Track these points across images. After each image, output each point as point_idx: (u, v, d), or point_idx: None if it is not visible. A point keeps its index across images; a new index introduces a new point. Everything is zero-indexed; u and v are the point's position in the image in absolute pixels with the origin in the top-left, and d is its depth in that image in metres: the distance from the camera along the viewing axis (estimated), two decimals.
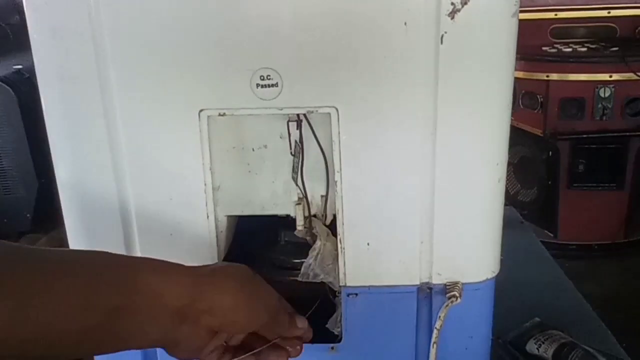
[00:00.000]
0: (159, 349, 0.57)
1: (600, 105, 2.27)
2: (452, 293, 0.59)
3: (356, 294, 0.60)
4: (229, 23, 0.52)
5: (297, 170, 0.59)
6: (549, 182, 2.41)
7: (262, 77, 0.53)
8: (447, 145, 0.55)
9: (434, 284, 0.60)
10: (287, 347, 0.52)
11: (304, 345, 0.52)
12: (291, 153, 0.58)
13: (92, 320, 0.41)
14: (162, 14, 0.53)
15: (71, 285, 0.41)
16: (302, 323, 0.52)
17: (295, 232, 0.62)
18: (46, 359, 0.42)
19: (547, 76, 2.28)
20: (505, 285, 0.65)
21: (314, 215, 0.62)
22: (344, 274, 0.59)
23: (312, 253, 0.60)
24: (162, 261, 0.46)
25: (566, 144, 2.33)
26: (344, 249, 0.59)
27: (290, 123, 0.57)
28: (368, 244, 0.58)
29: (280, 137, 0.59)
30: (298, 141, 0.58)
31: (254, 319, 0.48)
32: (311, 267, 0.60)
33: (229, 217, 0.62)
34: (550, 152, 2.35)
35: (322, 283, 0.61)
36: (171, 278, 0.45)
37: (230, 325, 0.48)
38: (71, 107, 0.57)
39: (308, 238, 0.62)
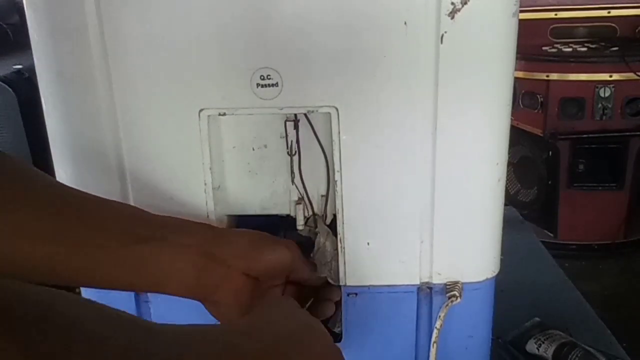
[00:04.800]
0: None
1: (600, 105, 2.27)
2: (452, 293, 0.59)
3: (356, 294, 0.60)
4: (229, 22, 0.53)
5: (294, 170, 0.59)
6: (549, 182, 2.41)
7: (262, 77, 0.53)
8: (447, 145, 0.55)
9: (434, 284, 0.60)
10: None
11: None
12: (288, 153, 0.58)
13: (125, 249, 0.45)
14: (162, 14, 0.53)
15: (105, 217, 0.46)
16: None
17: (299, 232, 0.62)
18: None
19: (547, 76, 2.28)
20: (505, 285, 0.65)
21: (314, 215, 0.62)
22: (344, 273, 0.59)
23: (314, 250, 0.60)
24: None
25: (566, 144, 2.34)
26: (344, 248, 0.59)
27: (287, 123, 0.57)
28: (368, 243, 0.58)
29: (281, 137, 0.59)
30: (294, 141, 0.58)
31: (278, 255, 0.52)
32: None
33: (229, 216, 0.62)
34: (550, 152, 2.36)
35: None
36: (193, 224, 0.50)
37: (257, 263, 0.51)
38: (71, 107, 0.57)
39: (312, 236, 0.62)
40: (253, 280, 0.52)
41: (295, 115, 0.57)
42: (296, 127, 0.57)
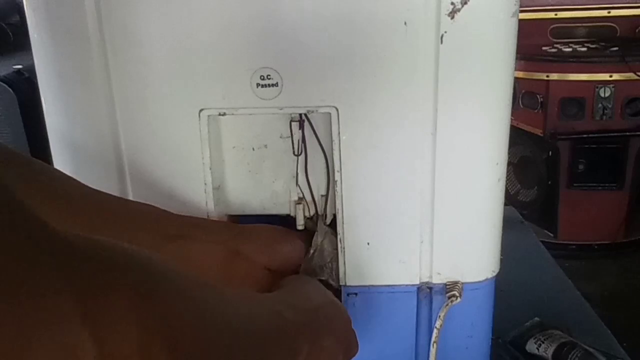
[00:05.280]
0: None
1: (600, 105, 2.27)
2: (452, 293, 0.59)
3: (356, 294, 0.60)
4: (229, 22, 0.53)
5: (300, 170, 0.59)
6: (549, 182, 2.41)
7: (262, 77, 0.53)
8: (447, 145, 0.55)
9: (434, 284, 0.60)
10: None
11: None
12: (294, 153, 0.58)
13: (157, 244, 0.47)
14: (162, 14, 0.53)
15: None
16: None
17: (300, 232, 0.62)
18: None
19: (547, 76, 2.28)
20: (505, 285, 0.65)
21: (314, 215, 0.62)
22: (344, 273, 0.59)
23: (311, 251, 0.60)
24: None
25: (566, 144, 2.34)
26: (344, 248, 0.59)
27: (292, 123, 0.57)
28: (368, 243, 0.58)
29: (281, 137, 0.59)
30: (300, 141, 0.58)
31: (295, 247, 0.56)
32: (310, 264, 0.60)
33: (229, 216, 0.62)
34: (550, 152, 2.36)
35: (321, 281, 0.61)
36: (216, 222, 0.54)
37: (277, 257, 0.54)
38: (71, 107, 0.57)
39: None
40: (273, 273, 0.54)
41: (300, 115, 0.57)
42: (302, 127, 0.57)
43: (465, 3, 0.51)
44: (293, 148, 0.58)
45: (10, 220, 0.21)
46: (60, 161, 0.58)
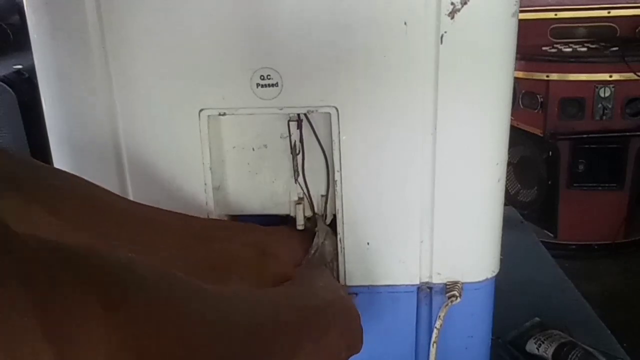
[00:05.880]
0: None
1: (600, 105, 2.27)
2: (452, 293, 0.59)
3: (356, 294, 0.60)
4: (229, 23, 0.53)
5: (297, 170, 0.59)
6: (549, 182, 2.41)
7: (262, 77, 0.53)
8: (447, 145, 0.55)
9: (434, 284, 0.60)
10: None
11: None
12: (291, 153, 0.58)
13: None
14: (162, 14, 0.53)
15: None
16: None
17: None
18: None
19: (547, 76, 2.28)
20: (505, 285, 0.65)
21: (314, 215, 0.62)
22: (344, 273, 0.59)
23: (311, 250, 0.60)
24: None
25: (566, 144, 2.33)
26: (344, 248, 0.59)
27: (290, 123, 0.57)
28: (368, 243, 0.58)
29: (281, 137, 0.59)
30: (298, 141, 0.58)
31: (309, 243, 0.59)
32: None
33: (229, 217, 0.62)
34: (550, 152, 2.35)
35: None
36: (245, 225, 0.57)
37: (298, 253, 0.58)
38: (71, 107, 0.57)
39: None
40: (295, 267, 0.57)
41: (299, 114, 0.57)
42: (299, 127, 0.57)
43: (465, 3, 0.51)
44: (291, 148, 0.58)
45: None
46: (61, 161, 0.58)
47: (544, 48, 2.34)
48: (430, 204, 0.57)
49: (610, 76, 2.23)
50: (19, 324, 0.20)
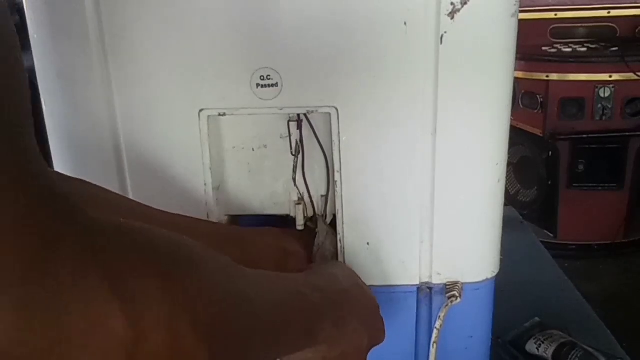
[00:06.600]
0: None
1: (600, 105, 2.27)
2: (452, 293, 0.59)
3: None
4: (229, 23, 0.53)
5: (297, 170, 0.59)
6: (549, 182, 2.41)
7: (262, 77, 0.53)
8: (447, 145, 0.55)
9: (434, 284, 0.60)
10: None
11: None
12: (292, 153, 0.58)
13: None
14: (162, 14, 0.53)
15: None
16: None
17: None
18: None
19: (547, 76, 2.28)
20: (505, 285, 0.65)
21: (314, 215, 0.62)
22: None
23: (313, 250, 0.60)
24: None
25: (566, 144, 2.33)
26: (344, 248, 0.59)
27: (290, 123, 0.57)
28: (368, 243, 0.58)
29: (281, 137, 0.59)
30: (298, 141, 0.58)
31: (307, 246, 0.61)
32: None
33: (229, 217, 0.62)
34: (550, 152, 2.35)
35: None
36: (262, 228, 0.61)
37: (311, 249, 0.60)
38: (71, 107, 0.57)
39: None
40: (310, 264, 0.60)
41: (298, 115, 0.57)
42: (299, 127, 0.57)
43: (465, 3, 0.51)
44: (291, 148, 0.58)
45: (40, 199, 0.22)
46: (61, 161, 0.58)
47: (544, 48, 2.34)
48: (430, 204, 0.57)
49: (610, 76, 2.23)
50: (90, 284, 0.23)
